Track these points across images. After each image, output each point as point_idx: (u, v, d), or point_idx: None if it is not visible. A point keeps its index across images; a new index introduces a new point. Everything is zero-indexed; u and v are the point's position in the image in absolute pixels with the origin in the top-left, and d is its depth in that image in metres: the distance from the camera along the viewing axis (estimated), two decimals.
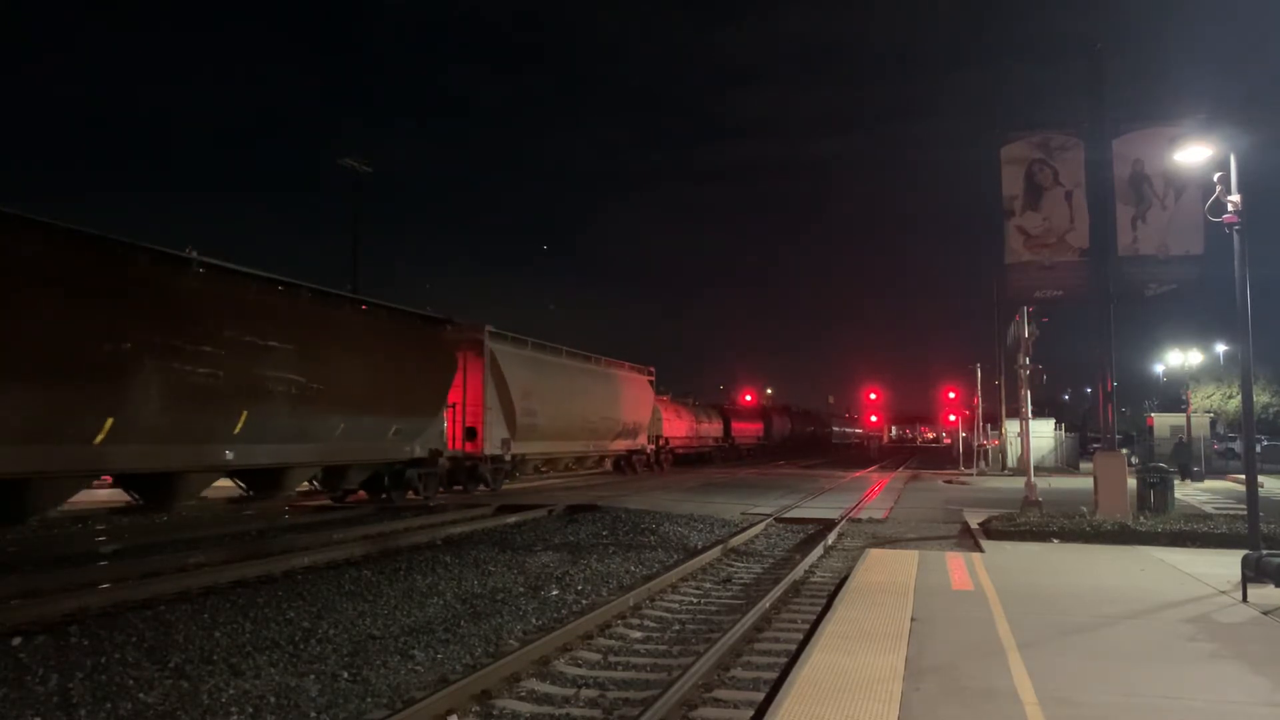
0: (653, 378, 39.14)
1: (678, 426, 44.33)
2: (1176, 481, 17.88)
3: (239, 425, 15.01)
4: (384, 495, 20.68)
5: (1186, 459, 31.59)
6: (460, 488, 23.38)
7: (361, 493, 21.02)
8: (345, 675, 7.33)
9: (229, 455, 15.06)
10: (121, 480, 14.77)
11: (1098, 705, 5.83)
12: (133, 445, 13.18)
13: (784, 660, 7.71)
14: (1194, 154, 12.44)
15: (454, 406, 22.40)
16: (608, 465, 36.25)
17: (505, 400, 24.59)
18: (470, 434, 23.29)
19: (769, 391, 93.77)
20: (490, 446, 23.97)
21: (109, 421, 12.75)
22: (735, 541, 15.24)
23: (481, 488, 24.10)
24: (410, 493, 20.87)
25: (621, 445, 35.23)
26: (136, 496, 15.14)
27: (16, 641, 7.76)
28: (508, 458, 25.18)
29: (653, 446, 39.14)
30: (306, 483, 18.67)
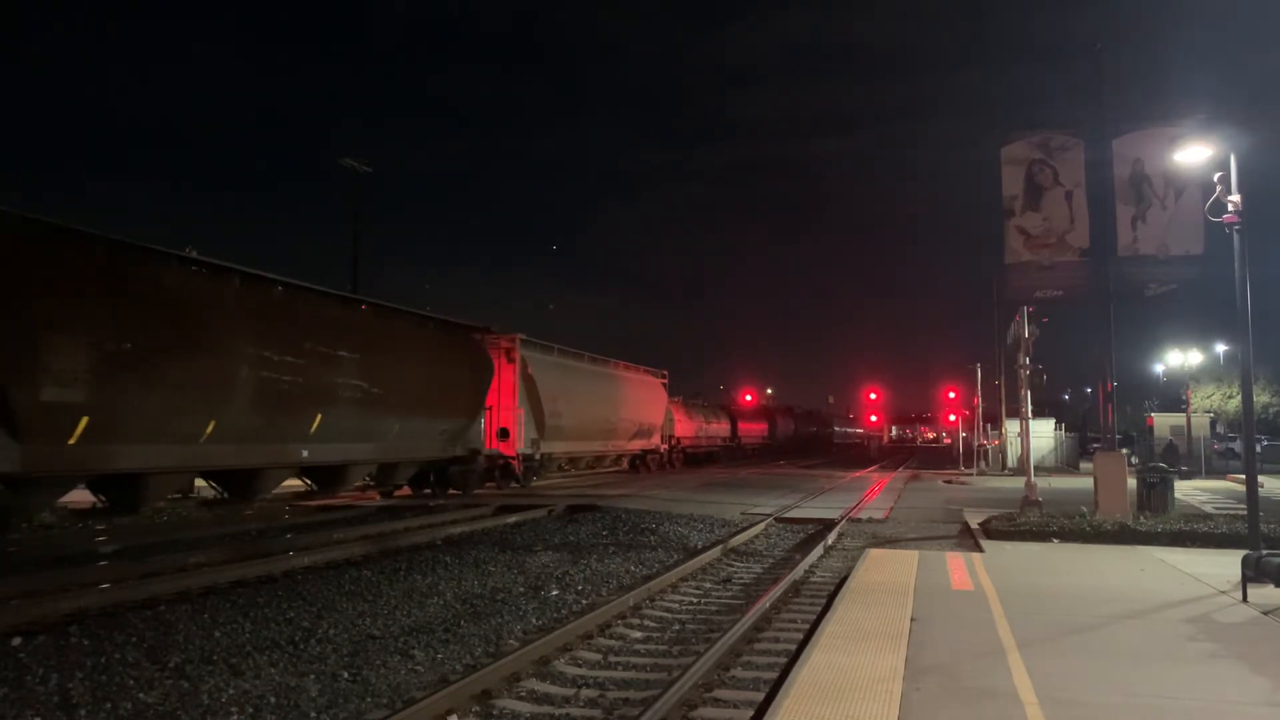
0: (666, 381, 40.81)
1: (688, 427, 45.96)
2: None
3: (314, 426, 16.93)
4: (428, 490, 22.29)
5: (1174, 460, 31.68)
6: (494, 484, 24.80)
7: (407, 488, 22.45)
8: (345, 675, 7.33)
9: (305, 454, 17.07)
10: (212, 475, 16.34)
11: (1098, 705, 5.83)
12: (229, 444, 15.08)
13: (784, 660, 7.71)
14: (1194, 154, 12.43)
15: (490, 409, 24.22)
16: (624, 464, 37.65)
17: (535, 403, 26.41)
18: (503, 434, 25.07)
19: (769, 391, 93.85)
20: (522, 446, 25.77)
21: (211, 423, 14.66)
22: (735, 541, 15.24)
23: (513, 484, 25.48)
24: (451, 489, 22.43)
25: (637, 445, 36.98)
26: (222, 491, 16.94)
27: (16, 641, 7.76)
28: (537, 457, 27.08)
29: (665, 446, 40.71)
30: (364, 479, 20.28)
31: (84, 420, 12.51)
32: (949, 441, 77.71)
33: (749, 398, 75.16)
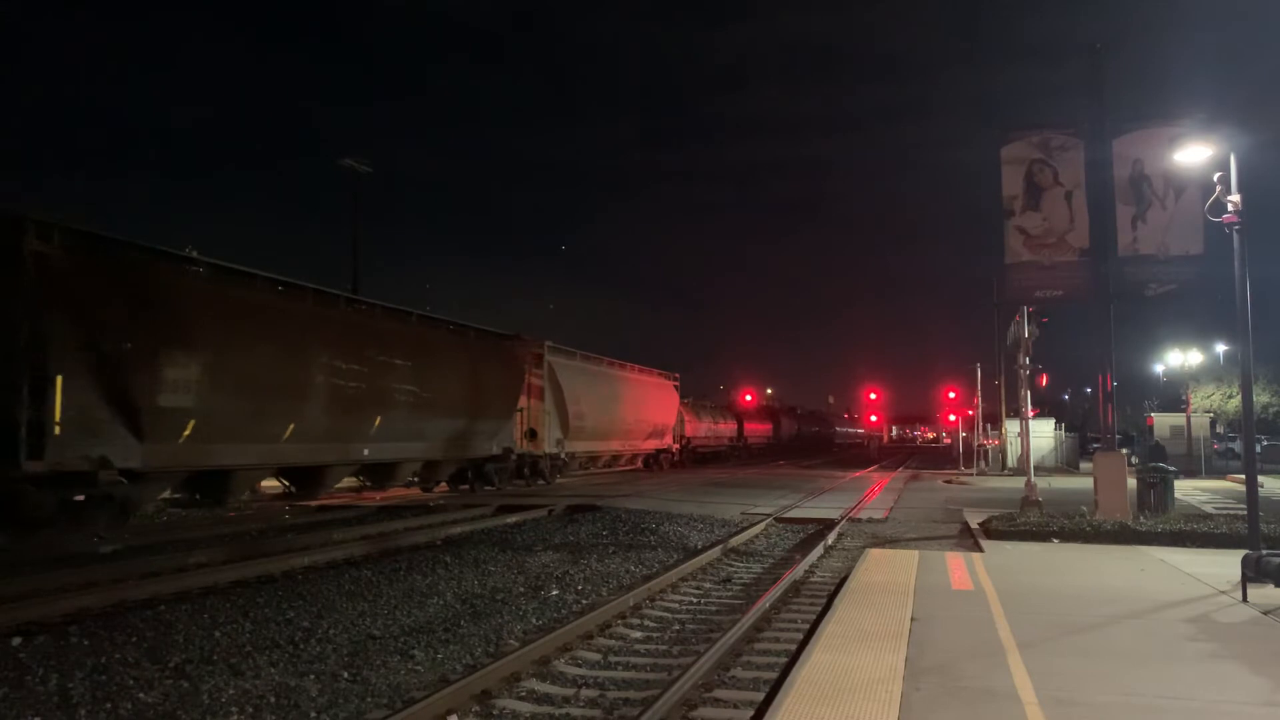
0: (678, 383, 42.69)
1: (698, 427, 48.01)
2: None
3: (374, 428, 18.86)
4: (465, 486, 24.27)
5: (1162, 460, 31.62)
6: (524, 481, 26.65)
7: (444, 484, 24.42)
8: (345, 675, 7.33)
9: (365, 452, 18.95)
10: (285, 472, 18.24)
11: (1098, 705, 5.83)
12: (304, 444, 16.95)
13: (784, 660, 7.71)
14: (1194, 154, 12.42)
15: (520, 410, 25.96)
16: (639, 463, 39.44)
17: (560, 405, 28.43)
18: (532, 434, 26.82)
19: (769, 391, 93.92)
20: (549, 445, 27.70)
21: (291, 425, 16.52)
22: (735, 541, 15.24)
23: (540, 481, 27.31)
24: (486, 485, 24.32)
25: (651, 445, 39.09)
26: (290, 486, 18.96)
27: (16, 641, 7.77)
28: (562, 455, 29.12)
29: (677, 446, 42.83)
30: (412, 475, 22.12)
31: (191, 423, 14.41)
32: (949, 441, 77.74)
33: (749, 397, 75.24)
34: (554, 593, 10.93)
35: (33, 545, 12.68)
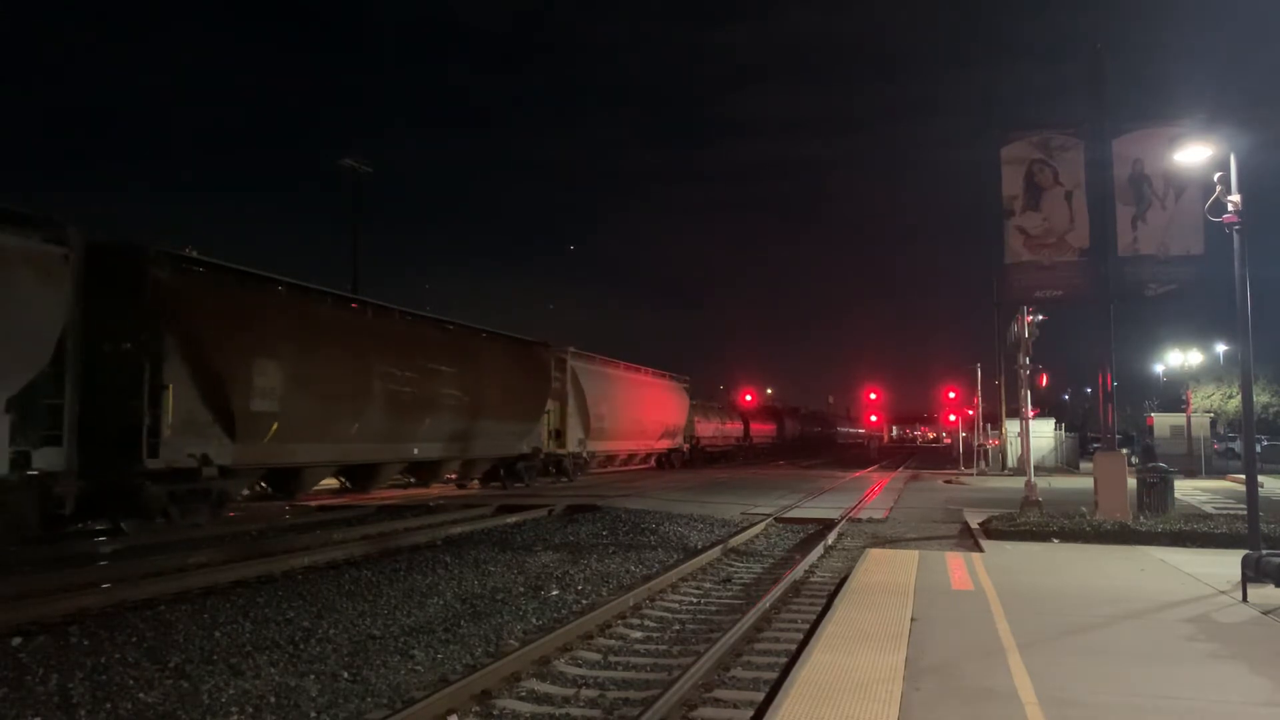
0: (688, 385, 45.05)
1: (707, 428, 50.17)
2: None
3: (422, 429, 20.81)
4: (497, 483, 25.91)
5: (1152, 460, 31.67)
6: (550, 478, 28.52)
7: (475, 482, 26.21)
8: (345, 675, 7.33)
9: (415, 451, 20.92)
10: (345, 470, 20.00)
11: (1098, 705, 5.83)
12: (366, 443, 19.01)
13: (784, 660, 7.71)
14: (1194, 154, 12.43)
15: (547, 412, 28.01)
16: (652, 461, 41.30)
17: (582, 407, 30.39)
18: (556, 435, 28.88)
19: (769, 391, 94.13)
20: (572, 445, 29.75)
21: (356, 426, 18.48)
22: (735, 541, 15.24)
23: (564, 479, 29.03)
24: (516, 482, 26.13)
25: (664, 444, 41.13)
26: (347, 483, 21.02)
27: (16, 641, 7.77)
28: (584, 454, 31.07)
29: (688, 445, 45.04)
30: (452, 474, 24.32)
31: (274, 425, 16.12)
32: (949, 441, 77.73)
33: (749, 398, 75.61)
34: (554, 593, 10.93)
35: (33, 545, 12.73)
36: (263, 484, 18.13)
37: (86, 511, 13.90)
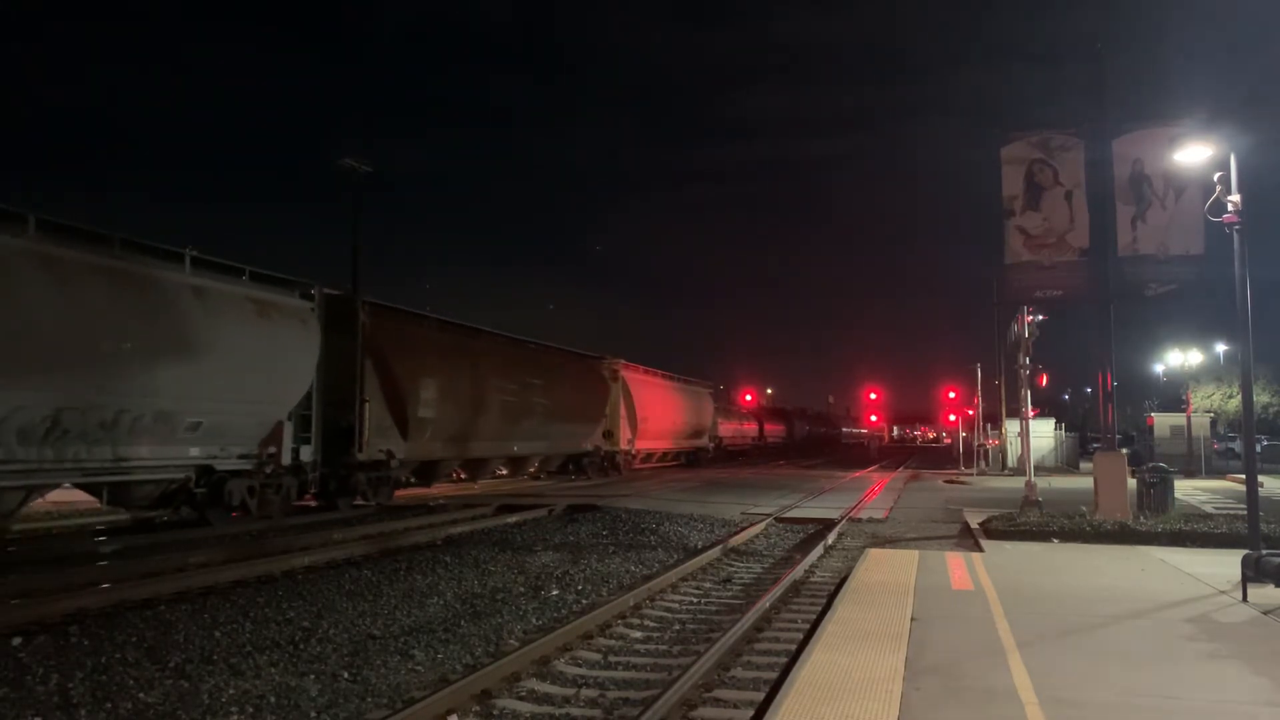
0: (713, 390, 50.06)
1: (727, 428, 54.88)
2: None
3: (520, 430, 25.93)
4: (569, 474, 31.10)
5: (1147, 459, 31.72)
6: (603, 474, 32.63)
7: (542, 476, 30.63)
8: (345, 675, 7.33)
9: (514, 449, 26.43)
10: (465, 464, 24.51)
11: (1098, 705, 5.83)
12: (484, 442, 24.05)
13: (784, 660, 7.70)
14: (1194, 154, 12.42)
15: (605, 415, 33.08)
16: (682, 459, 44.84)
17: (631, 411, 34.99)
18: (608, 435, 33.48)
19: (769, 391, 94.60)
20: (623, 443, 34.36)
21: (477, 428, 23.38)
22: (735, 541, 15.23)
23: (614, 474, 33.25)
24: (580, 475, 31.18)
25: (693, 443, 45.61)
26: (462, 474, 25.49)
27: (16, 641, 7.77)
28: (631, 452, 35.74)
29: (712, 445, 49.20)
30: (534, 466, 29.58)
31: (430, 428, 21.21)
32: (949, 441, 77.78)
33: (749, 398, 77.06)
34: (554, 592, 10.93)
35: (33, 545, 12.71)
36: (411, 476, 22.20)
37: (321, 492, 19.00)
